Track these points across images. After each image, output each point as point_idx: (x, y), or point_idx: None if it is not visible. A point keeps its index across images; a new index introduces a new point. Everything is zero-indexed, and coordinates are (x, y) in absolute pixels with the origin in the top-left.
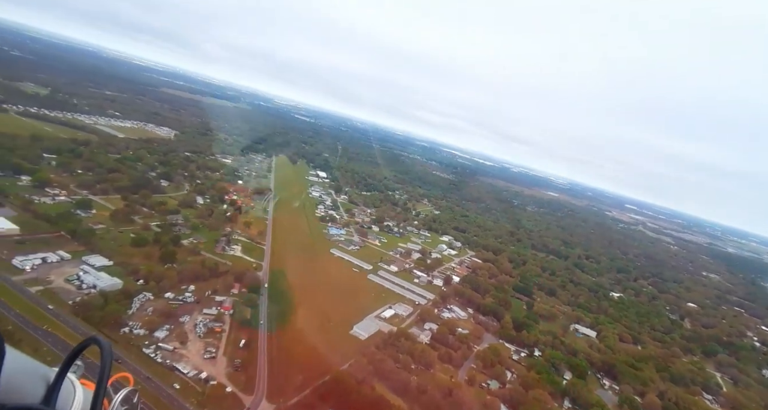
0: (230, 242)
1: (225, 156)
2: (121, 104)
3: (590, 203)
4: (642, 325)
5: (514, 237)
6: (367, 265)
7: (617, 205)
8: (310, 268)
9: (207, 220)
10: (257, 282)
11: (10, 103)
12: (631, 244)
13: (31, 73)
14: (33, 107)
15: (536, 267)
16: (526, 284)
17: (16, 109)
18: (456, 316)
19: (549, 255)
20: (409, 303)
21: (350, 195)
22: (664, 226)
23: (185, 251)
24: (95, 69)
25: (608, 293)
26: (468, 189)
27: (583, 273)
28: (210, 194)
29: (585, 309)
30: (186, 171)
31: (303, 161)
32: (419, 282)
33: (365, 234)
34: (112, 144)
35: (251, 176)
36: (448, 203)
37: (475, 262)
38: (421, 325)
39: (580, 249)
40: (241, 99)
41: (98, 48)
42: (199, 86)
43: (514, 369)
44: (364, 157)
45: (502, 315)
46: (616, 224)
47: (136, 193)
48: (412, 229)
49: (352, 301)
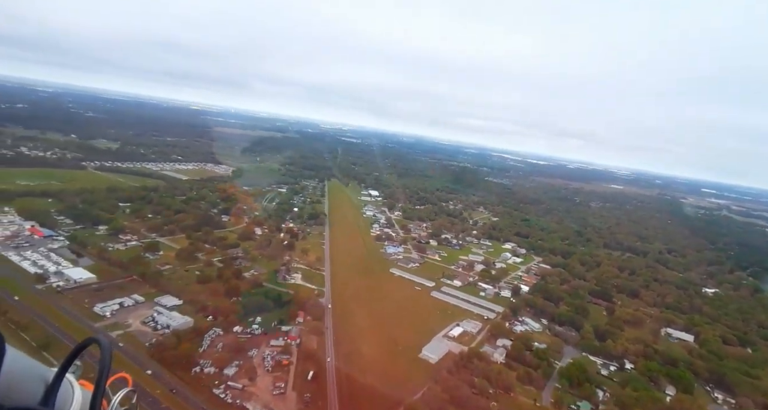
0: (290, 271)
1: (279, 186)
2: (182, 148)
3: (661, 192)
4: (748, 324)
5: (582, 237)
6: (429, 282)
7: (693, 191)
8: (371, 290)
9: (266, 250)
10: (321, 309)
11: (88, 160)
12: (719, 232)
13: (104, 131)
14: (107, 161)
15: (612, 268)
16: (604, 287)
17: (93, 165)
18: (530, 329)
19: (624, 253)
20: (478, 319)
21: (404, 211)
22: (753, 208)
23: (248, 284)
24: (157, 119)
25: (700, 290)
26: (524, 192)
27: (667, 270)
28: (268, 224)
29: (675, 310)
30: (245, 204)
31: (354, 182)
32: (486, 295)
33: (423, 250)
34: (177, 187)
35: (306, 203)
36: (505, 209)
37: (544, 268)
38: (493, 342)
39: (659, 243)
40: (289, 129)
41: (158, 100)
42: (249, 122)
43: (605, 387)
44: (414, 171)
45: (580, 323)
46: (696, 211)
47: (199, 231)
48: (472, 239)
49: (418, 321)
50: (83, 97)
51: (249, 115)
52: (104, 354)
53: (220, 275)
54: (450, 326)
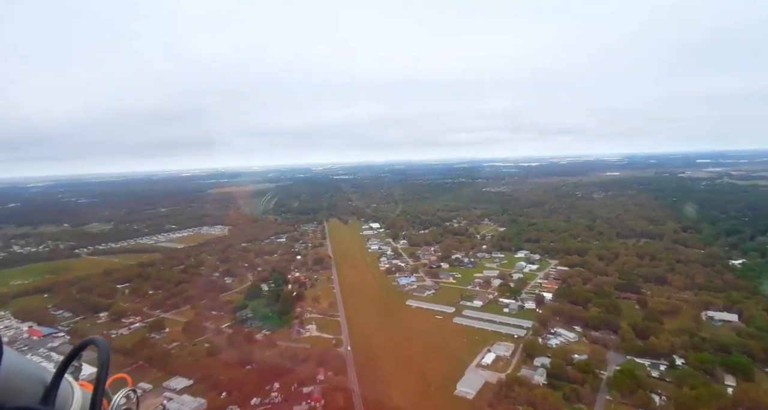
0: (303, 324)
1: (279, 236)
2: (175, 216)
3: (658, 171)
4: None
5: (593, 231)
6: (448, 308)
7: (688, 164)
8: (390, 328)
9: (275, 306)
10: (342, 360)
11: (81, 246)
12: (726, 199)
13: (96, 214)
14: (100, 244)
15: (632, 257)
16: (629, 279)
17: (87, 250)
18: (565, 340)
19: (640, 240)
20: (508, 339)
21: (409, 238)
22: (751, 170)
23: (261, 346)
24: (148, 193)
25: (728, 264)
26: (525, 196)
27: (687, 249)
28: (273, 278)
29: (710, 290)
30: (246, 262)
31: (353, 217)
32: (510, 311)
33: (436, 275)
34: (174, 257)
35: (308, 248)
36: (510, 217)
37: (562, 271)
38: (530, 363)
39: (672, 223)
40: (281, 178)
41: (148, 173)
42: (241, 178)
43: (659, 390)
44: (411, 196)
45: (616, 324)
46: (697, 183)
47: (203, 299)
48: (483, 254)
49: (446, 353)
50: (74, 185)
51: (240, 171)
52: (102, 354)
53: (230, 343)
54: (481, 353)
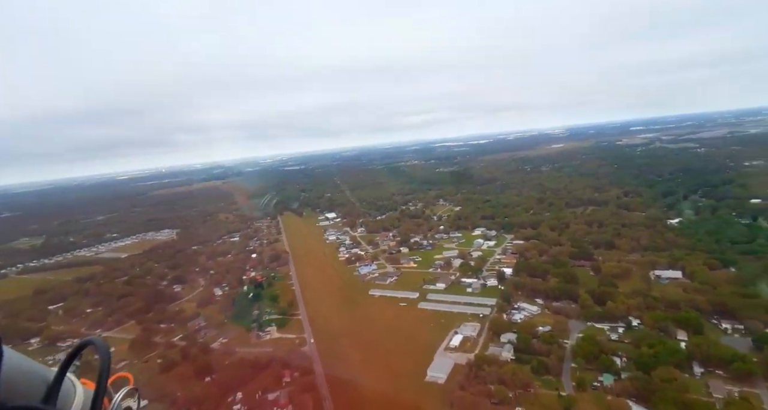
0: (263, 326)
1: (232, 235)
2: (116, 224)
3: (597, 141)
4: (720, 243)
5: (544, 203)
6: (412, 294)
7: (623, 132)
8: (354, 320)
9: (231, 311)
10: (307, 359)
11: (9, 265)
12: (660, 163)
13: (24, 229)
14: (32, 261)
15: (581, 225)
16: (581, 247)
17: (15, 269)
18: (528, 313)
19: (587, 208)
20: (474, 319)
21: (366, 226)
22: (679, 133)
23: (219, 355)
24: (82, 201)
25: (667, 224)
26: (477, 174)
27: (630, 213)
28: (227, 281)
29: (654, 250)
30: (197, 266)
31: (308, 209)
32: (473, 291)
33: (397, 260)
34: (117, 268)
35: (263, 245)
36: (464, 195)
37: (519, 245)
38: (497, 340)
39: (615, 189)
40: (228, 174)
41: (80, 179)
42: (184, 177)
43: (620, 352)
44: (365, 182)
45: (574, 292)
46: (633, 149)
47: (150, 311)
48: (441, 235)
49: (414, 340)
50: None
51: (183, 170)
52: (101, 353)
53: (185, 356)
54: (448, 336)
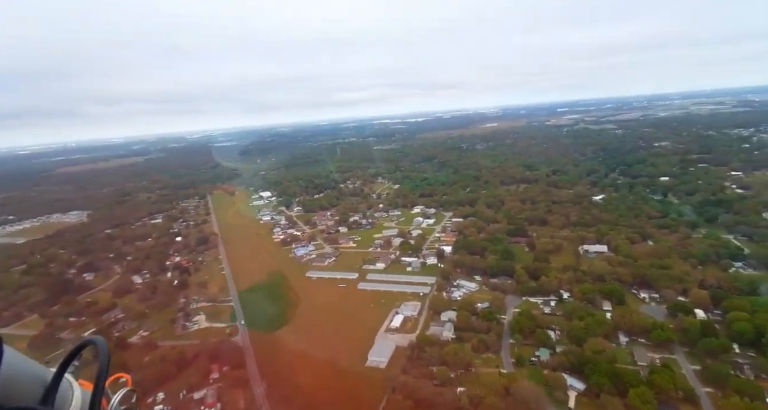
0: (190, 315)
1: (153, 217)
2: (13, 205)
3: (528, 121)
4: (639, 218)
5: (480, 181)
6: (351, 274)
7: (551, 113)
8: (291, 304)
9: (153, 300)
10: (239, 352)
11: None
12: (583, 143)
13: None
14: None
15: (516, 203)
16: (516, 224)
17: None
18: (467, 290)
19: (520, 185)
20: (414, 298)
21: (303, 205)
22: (600, 116)
23: (138, 351)
24: None
25: (592, 200)
26: (415, 151)
27: (559, 190)
28: (147, 267)
29: (582, 226)
30: (112, 252)
31: (241, 188)
32: (413, 269)
33: (336, 240)
34: (13, 255)
35: (190, 227)
36: (402, 173)
37: (457, 222)
38: (437, 319)
39: (544, 167)
40: (150, 150)
41: None
42: (100, 153)
43: (554, 326)
44: (301, 160)
45: (511, 268)
46: (560, 130)
47: (56, 303)
48: (380, 214)
49: (354, 323)
50: None
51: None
52: (101, 354)
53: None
54: (389, 317)
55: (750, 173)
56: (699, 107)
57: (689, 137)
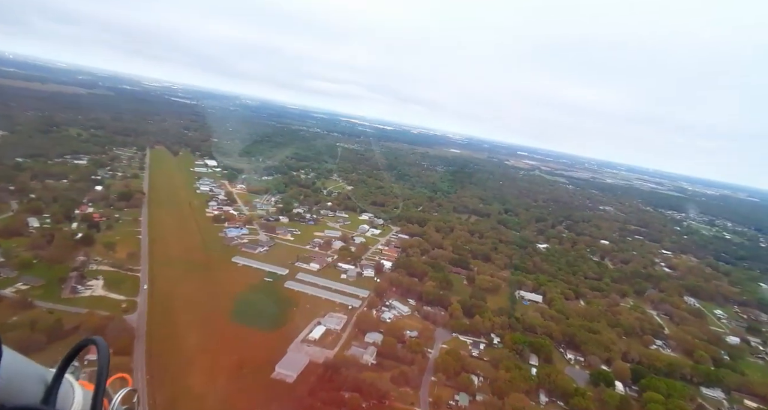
0: (84, 278)
1: (77, 157)
2: None
3: (490, 155)
4: (576, 275)
5: (434, 203)
6: (281, 269)
7: (511, 154)
8: (206, 290)
9: (45, 250)
10: (128, 333)
11: None
12: (537, 190)
13: None
14: None
15: (464, 232)
16: (461, 254)
17: None
18: (398, 313)
19: (471, 216)
20: (342, 310)
21: (248, 183)
22: (555, 167)
23: (7, 308)
24: None
25: (536, 247)
26: (376, 158)
27: (507, 230)
28: (51, 211)
29: (522, 270)
30: (13, 184)
31: (186, 150)
32: (347, 278)
33: (273, 229)
34: None
35: (116, 178)
36: (359, 176)
37: (403, 239)
38: (361, 339)
39: (498, 204)
40: (98, 84)
41: None
42: (37, 72)
43: (479, 371)
44: (259, 137)
45: (447, 300)
46: (518, 172)
47: None
48: (327, 212)
49: (271, 325)
50: None
51: (36, 63)
52: (102, 354)
53: None
54: (310, 325)
55: (678, 255)
56: (641, 183)
57: (630, 208)
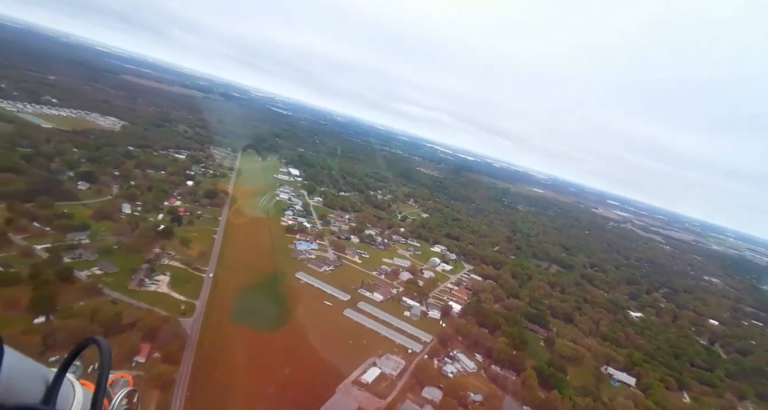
0: (154, 271)
1: (179, 151)
2: (63, 89)
3: (576, 200)
4: (679, 360)
5: (512, 244)
6: (343, 295)
7: (600, 201)
8: (264, 305)
9: (128, 237)
10: (180, 339)
11: None
12: (629, 246)
13: None
14: None
15: (544, 283)
16: (538, 309)
17: None
18: (463, 369)
19: (552, 265)
20: (400, 352)
21: (325, 197)
22: (650, 223)
23: (78, 291)
24: (43, 52)
25: (628, 315)
26: (455, 187)
27: (593, 287)
28: (144, 199)
29: (612, 342)
30: (119, 170)
31: (275, 156)
32: (411, 316)
33: (342, 248)
34: (27, 136)
35: (206, 176)
36: (436, 204)
37: (475, 281)
38: (417, 392)
39: (583, 256)
40: (213, 90)
41: (58, 33)
42: (167, 75)
43: None
44: (344, 152)
45: (520, 363)
46: (607, 222)
47: (31, 201)
48: (399, 238)
49: (322, 357)
50: None
51: (168, 67)
52: (103, 354)
53: (34, 275)
54: (364, 365)
55: None
56: (753, 254)
57: (743, 284)
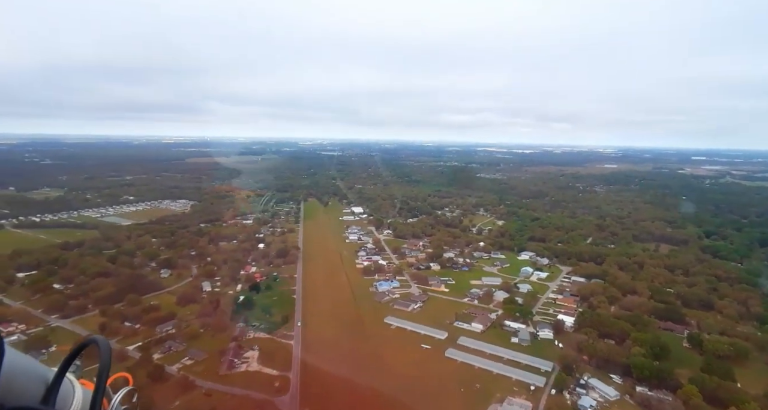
0: (242, 348)
1: (246, 217)
2: (139, 186)
3: (656, 166)
4: None
5: (606, 232)
6: (439, 333)
7: (684, 160)
8: (361, 364)
9: (212, 318)
10: None
11: (11, 216)
12: (741, 202)
13: (53, 178)
14: (35, 215)
15: (660, 269)
16: (665, 301)
17: (15, 222)
18: (602, 398)
19: (660, 245)
20: (521, 391)
21: (394, 228)
22: (752, 170)
23: (171, 389)
24: (120, 158)
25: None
26: (522, 185)
27: (721, 260)
28: (221, 273)
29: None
30: (195, 249)
31: (335, 199)
32: (520, 341)
33: (425, 280)
34: (111, 238)
35: (276, 234)
36: (508, 208)
37: (579, 283)
38: None
39: (693, 226)
40: (266, 151)
41: (128, 138)
42: (225, 149)
43: None
44: (400, 177)
45: (670, 376)
46: (701, 181)
47: (121, 300)
48: (480, 254)
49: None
50: (46, 144)
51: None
52: (103, 353)
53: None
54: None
55: None
56: None
57: None
